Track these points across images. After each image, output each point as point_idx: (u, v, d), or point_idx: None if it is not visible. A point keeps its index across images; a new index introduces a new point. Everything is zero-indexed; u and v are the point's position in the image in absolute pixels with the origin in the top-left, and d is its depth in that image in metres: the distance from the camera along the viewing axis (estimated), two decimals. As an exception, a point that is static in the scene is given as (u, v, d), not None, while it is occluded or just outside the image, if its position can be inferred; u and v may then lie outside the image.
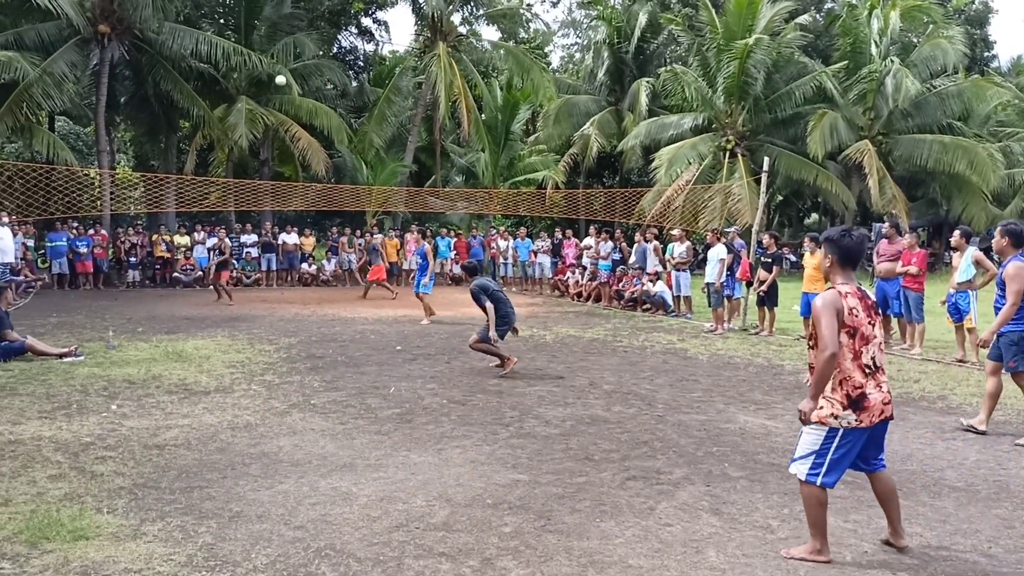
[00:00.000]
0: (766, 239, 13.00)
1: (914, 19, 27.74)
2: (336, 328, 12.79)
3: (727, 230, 14.65)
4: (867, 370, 3.91)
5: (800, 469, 3.99)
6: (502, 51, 30.24)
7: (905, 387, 8.45)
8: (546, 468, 5.45)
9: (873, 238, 13.32)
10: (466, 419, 6.85)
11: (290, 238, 22.06)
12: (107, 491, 4.80)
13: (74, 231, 19.73)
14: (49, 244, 19.63)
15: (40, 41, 20.80)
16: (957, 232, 10.27)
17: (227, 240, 18.25)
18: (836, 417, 3.88)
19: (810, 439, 3.97)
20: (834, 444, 3.90)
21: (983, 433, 6.50)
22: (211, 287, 17.63)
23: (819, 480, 3.92)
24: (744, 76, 24.59)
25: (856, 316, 3.91)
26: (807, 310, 12.21)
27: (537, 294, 20.56)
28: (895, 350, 10.80)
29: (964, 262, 9.96)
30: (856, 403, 3.87)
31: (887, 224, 11.96)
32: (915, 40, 28.41)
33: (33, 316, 12.77)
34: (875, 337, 3.97)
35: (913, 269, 10.71)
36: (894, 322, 11.55)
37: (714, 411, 7.28)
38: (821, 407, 3.93)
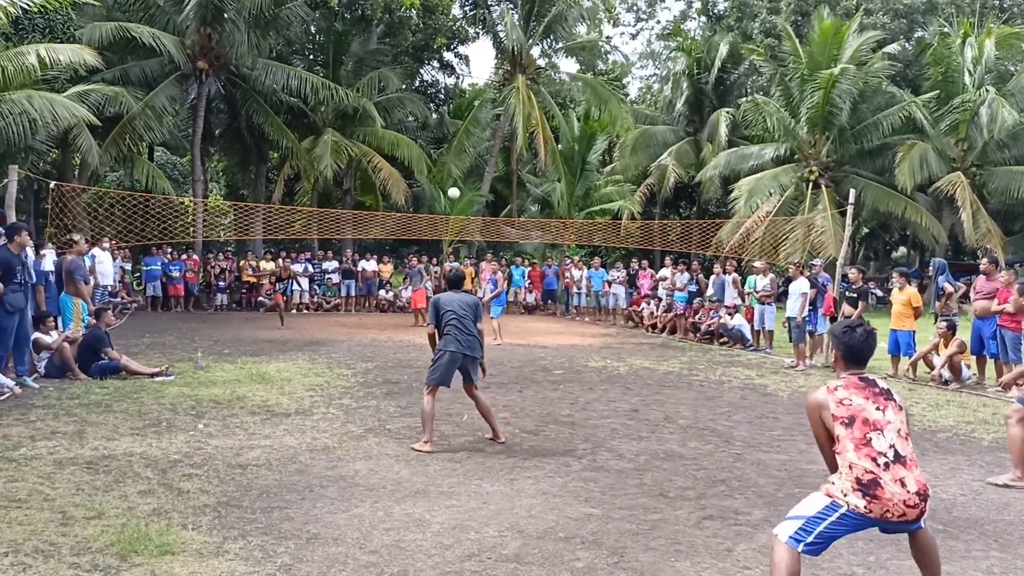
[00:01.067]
0: (852, 273, 12.59)
1: (1011, 47, 26.60)
2: (411, 354, 12.98)
3: (812, 263, 14.24)
4: (881, 458, 3.49)
5: (785, 529, 3.59)
6: (580, 83, 30.48)
7: (1001, 432, 7.95)
8: (619, 503, 5.37)
9: (932, 273, 12.82)
10: (538, 450, 6.82)
11: (369, 265, 22.62)
12: (192, 508, 4.98)
13: (168, 256, 20.74)
14: (144, 268, 20.69)
15: (143, 76, 22.17)
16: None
17: (294, 266, 18.79)
18: (844, 495, 3.51)
19: (809, 503, 3.61)
20: (831, 518, 3.53)
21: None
22: (272, 306, 17.92)
23: (800, 547, 3.52)
24: (829, 106, 24.05)
25: (850, 405, 3.60)
26: (895, 348, 11.74)
27: (611, 324, 20.40)
28: (990, 391, 10.24)
29: (1067, 301, 9.41)
30: (866, 488, 3.47)
31: (985, 260, 11.42)
32: (1012, 69, 27.22)
33: (128, 336, 13.44)
34: (888, 423, 3.56)
35: (1010, 307, 10.16)
36: (990, 363, 10.97)
37: (795, 451, 7.04)
38: (832, 481, 3.61)
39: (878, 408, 3.61)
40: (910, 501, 3.45)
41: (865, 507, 3.47)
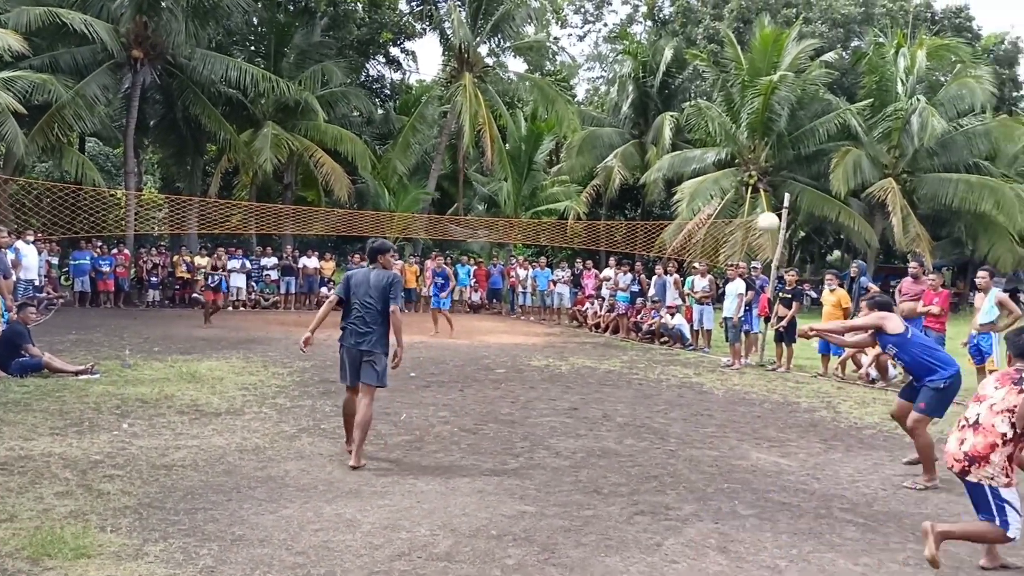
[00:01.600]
0: (788, 275, 12.90)
1: (941, 58, 27.64)
2: (351, 353, 12.78)
3: (754, 265, 14.53)
4: (963, 422, 4.41)
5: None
6: (527, 83, 30.56)
7: (925, 429, 8.27)
8: (554, 500, 5.38)
9: (854, 275, 13.25)
10: (476, 448, 6.79)
11: (310, 262, 22.22)
12: (112, 510, 4.80)
13: (98, 250, 20.03)
14: (72, 262, 19.93)
15: (75, 64, 21.32)
16: (983, 272, 10.13)
17: (231, 262, 18.07)
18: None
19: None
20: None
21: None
22: (202, 304, 17.25)
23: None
24: (768, 112, 24.62)
25: (985, 386, 4.49)
26: (825, 348, 12.06)
27: (555, 324, 20.50)
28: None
29: (987, 303, 9.82)
30: None
31: (914, 263, 11.83)
32: (942, 79, 28.29)
33: (52, 333, 12.92)
34: (988, 397, 4.36)
35: (935, 309, 10.55)
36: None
37: (727, 447, 7.17)
38: None
39: (996, 387, 4.36)
40: (956, 455, 4.32)
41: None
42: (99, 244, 20.22)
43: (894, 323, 6.24)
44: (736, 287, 13.27)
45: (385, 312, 6.04)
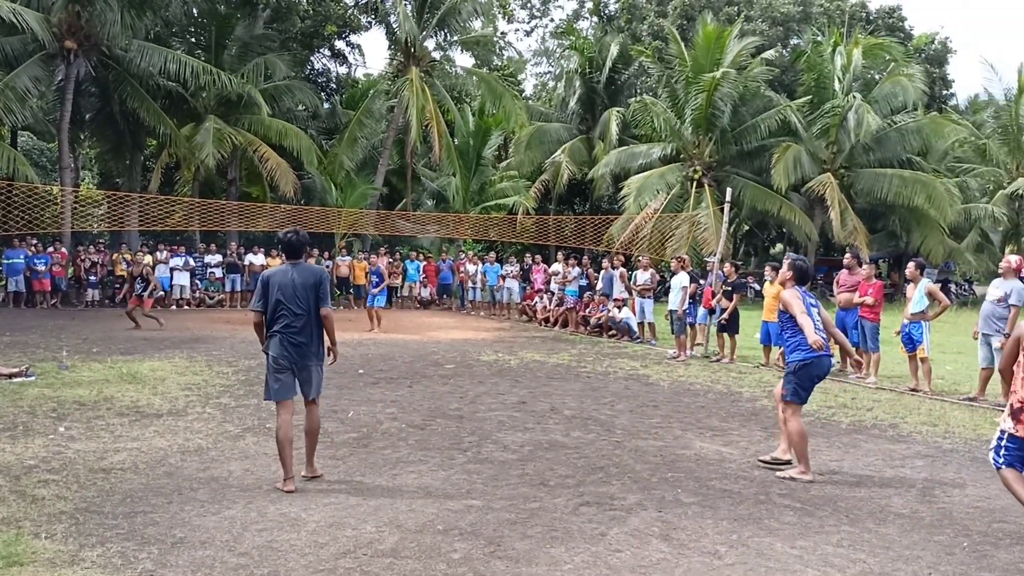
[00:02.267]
0: (727, 267, 13.17)
1: (876, 57, 28.54)
2: (298, 350, 12.63)
3: (714, 259, 14.62)
4: None
5: (990, 456, 4.89)
6: (475, 77, 30.49)
7: (858, 415, 8.58)
8: (500, 494, 5.42)
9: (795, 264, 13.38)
10: (424, 444, 6.80)
11: (257, 259, 21.84)
12: (47, 515, 4.68)
13: (32, 248, 19.35)
14: (5, 261, 19.21)
15: (3, 55, 20.50)
16: (912, 264, 10.53)
17: (173, 259, 16.28)
18: (1004, 420, 4.75)
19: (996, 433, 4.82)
20: (1002, 441, 4.76)
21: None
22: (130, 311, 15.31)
23: (999, 466, 4.78)
24: (711, 108, 25.05)
25: None
26: (767, 338, 12.37)
27: (505, 319, 20.56)
28: (851, 379, 10.96)
29: (917, 293, 10.20)
30: (1015, 414, 4.67)
31: (848, 255, 12.18)
32: (876, 77, 29.19)
33: (-15, 334, 12.47)
34: None
35: (869, 299, 10.90)
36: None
37: (671, 437, 7.32)
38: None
39: None
40: None
41: (1012, 428, 4.68)
42: (34, 242, 19.53)
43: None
44: (680, 280, 13.51)
45: (318, 315, 5.42)
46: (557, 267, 18.88)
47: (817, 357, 6.07)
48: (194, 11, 26.20)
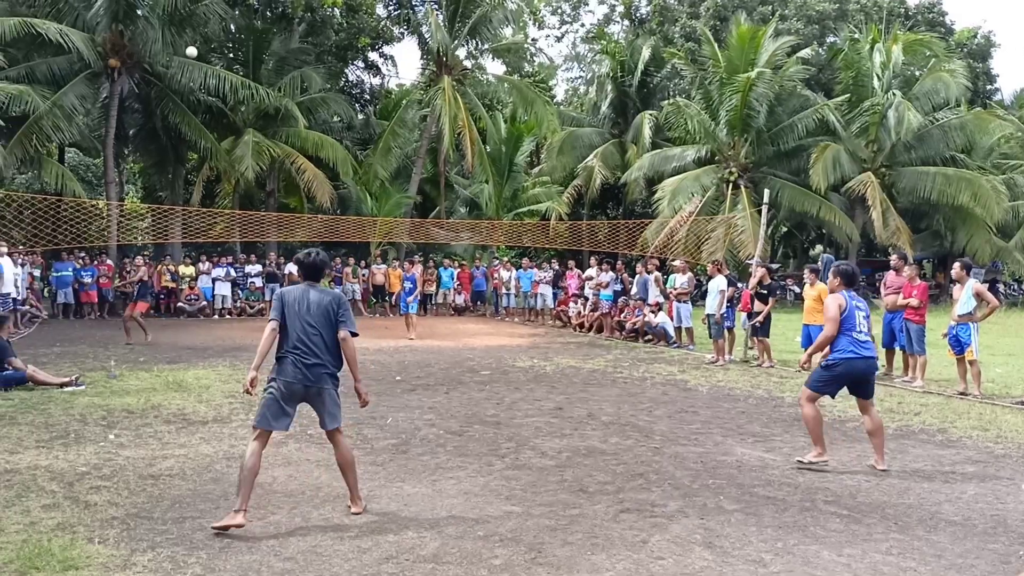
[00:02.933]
0: (760, 271, 13.02)
1: (916, 53, 28.02)
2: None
3: (770, 266, 14.38)
4: None
5: None
6: (506, 84, 30.62)
7: (905, 420, 8.40)
8: (540, 500, 5.42)
9: (821, 268, 13.01)
10: (462, 450, 6.83)
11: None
12: (100, 521, 4.80)
13: (80, 261, 19.88)
14: (55, 274, 19.76)
15: (51, 75, 21.16)
16: (957, 264, 10.29)
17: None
18: None
19: None
20: None
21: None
22: (126, 322, 14.76)
23: None
24: (746, 109, 24.83)
25: None
26: (808, 342, 12.17)
27: (540, 325, 20.56)
28: (896, 382, 10.75)
29: (965, 294, 9.96)
30: None
31: (894, 256, 11.96)
32: (917, 74, 28.65)
33: (36, 346, 12.84)
34: None
35: (914, 302, 10.69)
36: (898, 355, 11.49)
37: (712, 443, 7.25)
38: None
39: None
40: None
41: None
42: (81, 255, 20.07)
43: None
44: (718, 283, 13.38)
45: (332, 338, 5.06)
46: (591, 272, 18.84)
47: (847, 359, 6.20)
48: (232, 27, 26.75)
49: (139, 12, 21.38)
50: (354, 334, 5.12)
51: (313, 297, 5.08)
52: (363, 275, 22.79)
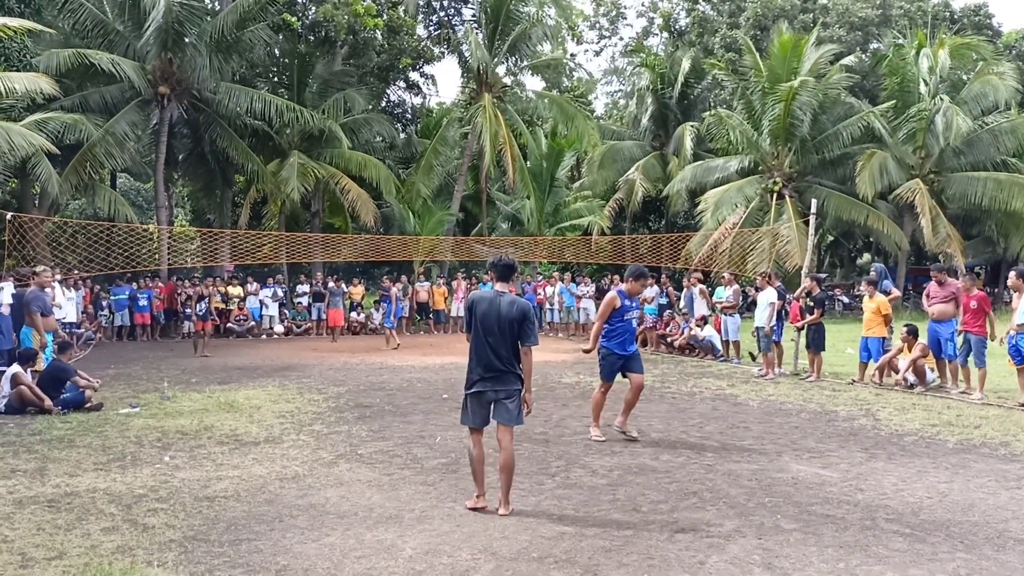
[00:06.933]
0: (808, 282, 12.79)
1: (963, 57, 27.37)
2: (384, 376, 12.89)
3: (818, 276, 14.16)
4: None
5: None
6: (546, 100, 30.69)
7: (965, 433, 8.14)
8: (592, 520, 5.36)
9: (878, 279, 12.65)
10: (512, 469, 6.78)
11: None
12: (158, 544, 4.88)
13: (137, 284, 20.42)
14: (112, 297, 20.32)
15: (103, 103, 21.88)
16: (1013, 273, 9.98)
17: (263, 291, 17.60)
18: None
19: None
20: None
21: None
22: (195, 339, 16.90)
23: None
24: (790, 118, 24.51)
25: None
26: (866, 354, 11.90)
27: (584, 339, 20.41)
28: (953, 395, 10.42)
29: (1023, 303, 9.64)
30: None
31: (933, 271, 11.72)
32: (964, 78, 27.98)
33: (92, 368, 13.15)
34: None
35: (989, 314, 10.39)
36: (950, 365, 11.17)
37: (766, 460, 7.10)
38: None
39: None
40: None
41: None
42: (133, 280, 20.60)
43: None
44: (767, 296, 13.16)
45: (515, 348, 5.48)
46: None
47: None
48: (276, 52, 27.36)
49: (187, 40, 21.98)
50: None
51: (504, 308, 5.45)
52: (397, 290, 23.00)
